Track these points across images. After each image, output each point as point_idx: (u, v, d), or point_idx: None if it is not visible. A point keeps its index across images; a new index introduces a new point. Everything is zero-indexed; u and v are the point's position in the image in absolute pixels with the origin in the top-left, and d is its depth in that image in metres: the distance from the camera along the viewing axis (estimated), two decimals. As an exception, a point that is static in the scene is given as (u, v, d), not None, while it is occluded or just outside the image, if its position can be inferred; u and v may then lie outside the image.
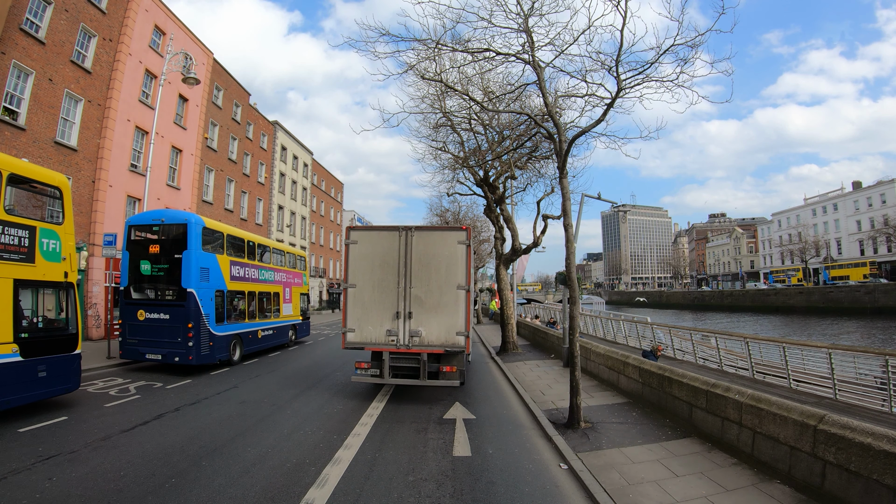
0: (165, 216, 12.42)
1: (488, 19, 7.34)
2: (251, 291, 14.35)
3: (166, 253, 12.04)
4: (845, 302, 49.91)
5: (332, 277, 54.16)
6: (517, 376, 11.51)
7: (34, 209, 8.13)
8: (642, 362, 8.36)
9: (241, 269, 13.73)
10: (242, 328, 13.70)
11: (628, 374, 8.80)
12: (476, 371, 12.86)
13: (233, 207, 29.64)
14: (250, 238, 14.91)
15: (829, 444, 4.47)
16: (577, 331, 7.17)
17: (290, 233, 40.30)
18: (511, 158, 14.46)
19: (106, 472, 5.16)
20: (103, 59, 19.86)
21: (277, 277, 16.34)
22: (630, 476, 5.26)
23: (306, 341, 19.61)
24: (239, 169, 30.80)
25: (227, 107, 29.27)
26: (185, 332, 11.53)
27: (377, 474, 5.31)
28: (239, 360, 13.36)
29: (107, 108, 20.02)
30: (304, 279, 19.17)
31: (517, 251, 15.42)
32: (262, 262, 15.48)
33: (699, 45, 6.35)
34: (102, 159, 19.54)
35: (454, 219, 33.07)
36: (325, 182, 52.16)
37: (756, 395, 5.53)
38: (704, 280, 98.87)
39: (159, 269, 12.04)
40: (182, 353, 11.50)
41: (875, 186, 61.52)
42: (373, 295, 8.80)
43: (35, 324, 7.93)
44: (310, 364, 13.90)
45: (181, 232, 11.91)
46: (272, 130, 37.17)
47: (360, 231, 9.23)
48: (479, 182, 16.27)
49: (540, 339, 17.29)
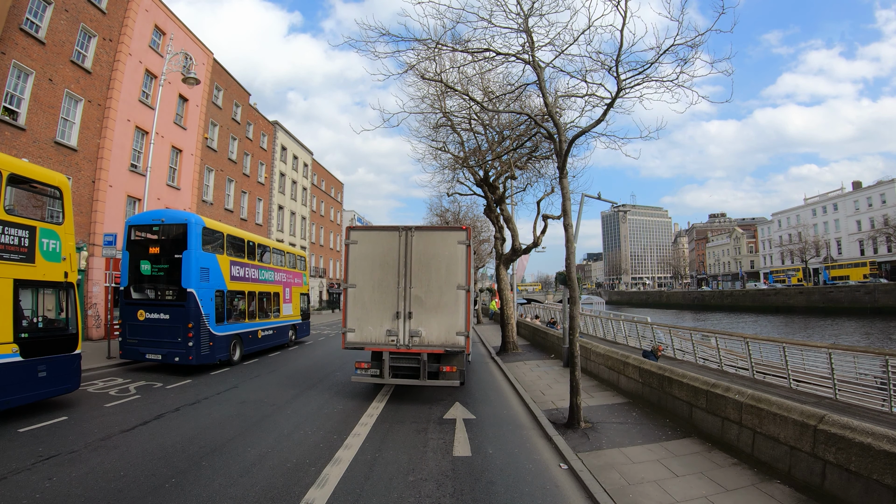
0: (165, 216, 12.43)
1: (488, 19, 7.34)
2: (251, 291, 14.36)
3: (166, 253, 12.04)
4: (845, 302, 49.90)
5: (332, 277, 54.10)
6: (517, 376, 11.51)
7: (34, 209, 8.13)
8: (642, 362, 8.36)
9: (241, 269, 13.74)
10: (242, 328, 13.70)
11: (628, 375, 8.80)
12: (476, 371, 12.87)
13: (233, 207, 29.65)
14: (250, 238, 14.91)
15: (830, 444, 4.47)
16: (577, 331, 7.17)
17: (290, 233, 40.30)
18: (511, 158, 14.46)
19: (106, 471, 5.16)
20: (103, 59, 19.82)
21: (277, 277, 16.35)
22: (630, 476, 5.26)
23: (306, 341, 19.63)
24: (239, 169, 30.81)
25: (227, 107, 29.28)
26: (185, 332, 11.54)
27: (377, 474, 5.31)
28: (239, 360, 13.37)
29: (107, 108, 20.00)
30: (305, 279, 19.18)
31: (517, 251, 15.41)
32: (263, 262, 15.48)
33: (699, 44, 6.35)
34: (102, 159, 19.54)
35: (454, 219, 33.02)
36: (325, 182, 52.16)
37: (756, 394, 5.53)
38: (704, 280, 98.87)
39: (159, 269, 12.05)
40: (182, 353, 11.50)
41: (875, 186, 61.47)
42: (373, 295, 8.77)
43: (35, 324, 7.93)
44: (310, 364, 13.90)
45: (181, 232, 11.91)
46: (272, 130, 37.17)
47: (359, 231, 9.20)
48: (479, 182, 16.27)
49: (540, 339, 17.29)
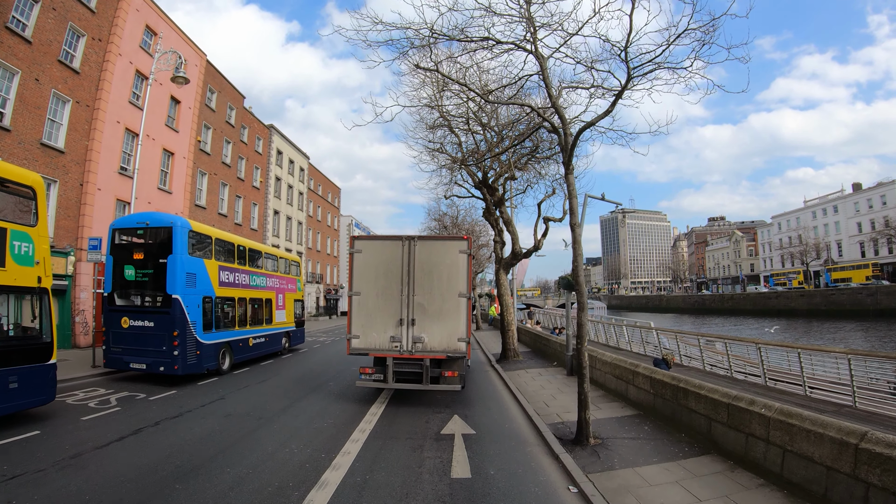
0: (150, 219, 11.91)
1: (486, 6, 6.90)
2: (242, 298, 13.83)
3: (151, 257, 11.53)
4: (847, 304, 49.45)
5: (329, 283, 53.43)
6: (519, 386, 10.97)
7: (5, 210, 7.63)
8: (654, 371, 7.86)
9: (230, 274, 13.21)
10: (232, 336, 13.16)
11: (638, 385, 8.28)
12: (476, 380, 12.34)
13: (226, 212, 29.10)
14: (240, 242, 14.39)
15: (874, 465, 3.99)
16: (585, 339, 6.66)
17: (286, 238, 39.72)
18: (511, 158, 14.01)
19: (69, 495, 4.66)
20: (92, 59, 19.38)
21: (270, 283, 15.82)
22: (648, 501, 4.75)
23: (301, 349, 19.05)
24: (233, 173, 30.30)
25: (221, 109, 28.83)
26: (170, 340, 11.01)
27: (367, 500, 4.79)
28: (228, 370, 12.82)
29: (96, 110, 19.51)
30: (299, 285, 18.63)
31: (517, 255, 14.91)
32: (254, 267, 14.96)
33: (713, 30, 5.91)
34: (91, 161, 19.04)
35: (452, 223, 32.64)
36: (321, 187, 51.66)
37: (785, 409, 5.02)
38: (704, 284, 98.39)
39: (144, 275, 11.53)
40: (167, 363, 10.97)
41: (875, 188, 61.24)
42: (377, 302, 8.90)
43: (5, 332, 7.43)
44: (302, 373, 13.36)
45: (166, 235, 11.40)
46: (267, 134, 36.71)
47: (364, 240, 9.38)
48: (478, 184, 15.81)
49: (541, 346, 16.75)
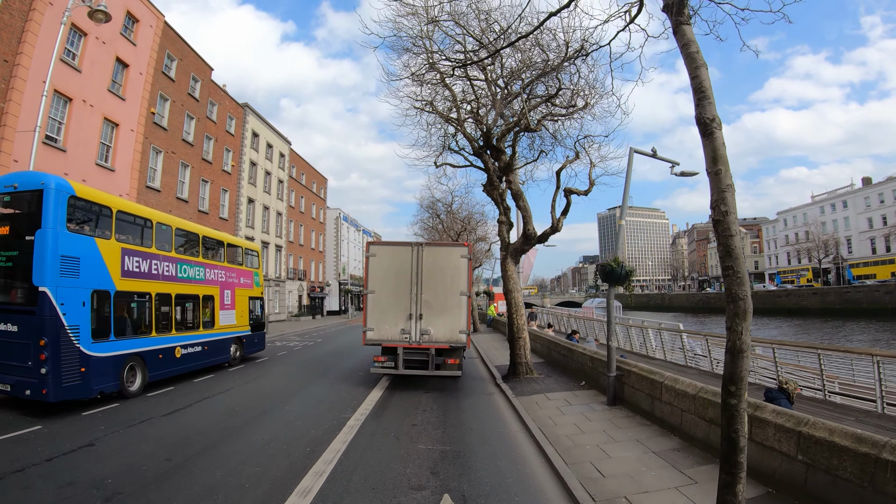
0: (19, 180, 8.38)
1: None
2: (163, 293, 10.35)
3: (16, 234, 8.09)
4: (864, 303, 46.71)
5: (313, 280, 49.69)
6: (543, 426, 7.35)
7: None
8: (799, 421, 4.49)
9: (143, 261, 9.73)
10: (146, 345, 9.70)
11: (765, 442, 4.76)
12: (476, 410, 8.88)
13: (187, 197, 25.40)
14: (162, 219, 10.86)
15: None
16: (744, 390, 3.32)
17: (262, 229, 36.07)
18: (525, 107, 10.62)
19: None
20: (14, 6, 16.13)
21: (211, 276, 12.33)
22: None
23: (260, 357, 15.51)
24: (197, 153, 26.65)
25: (183, 80, 25.16)
26: (36, 352, 7.59)
27: None
28: (140, 391, 9.38)
29: (16, 66, 16.31)
30: (257, 279, 15.11)
31: (530, 238, 11.47)
32: (187, 254, 11.50)
33: None
34: (6, 127, 15.74)
35: (447, 210, 29.43)
36: (305, 176, 47.97)
37: None
38: (706, 282, 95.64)
39: (7, 258, 8.09)
40: (34, 384, 7.59)
41: (886, 182, 58.68)
42: (389, 300, 10.14)
43: None
44: (251, 393, 10.04)
45: (36, 203, 7.94)
46: (241, 113, 33.05)
47: (378, 245, 10.82)
48: (478, 150, 12.43)
49: (559, 357, 13.10)
